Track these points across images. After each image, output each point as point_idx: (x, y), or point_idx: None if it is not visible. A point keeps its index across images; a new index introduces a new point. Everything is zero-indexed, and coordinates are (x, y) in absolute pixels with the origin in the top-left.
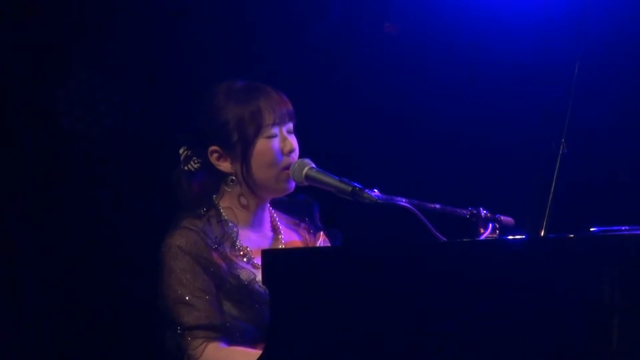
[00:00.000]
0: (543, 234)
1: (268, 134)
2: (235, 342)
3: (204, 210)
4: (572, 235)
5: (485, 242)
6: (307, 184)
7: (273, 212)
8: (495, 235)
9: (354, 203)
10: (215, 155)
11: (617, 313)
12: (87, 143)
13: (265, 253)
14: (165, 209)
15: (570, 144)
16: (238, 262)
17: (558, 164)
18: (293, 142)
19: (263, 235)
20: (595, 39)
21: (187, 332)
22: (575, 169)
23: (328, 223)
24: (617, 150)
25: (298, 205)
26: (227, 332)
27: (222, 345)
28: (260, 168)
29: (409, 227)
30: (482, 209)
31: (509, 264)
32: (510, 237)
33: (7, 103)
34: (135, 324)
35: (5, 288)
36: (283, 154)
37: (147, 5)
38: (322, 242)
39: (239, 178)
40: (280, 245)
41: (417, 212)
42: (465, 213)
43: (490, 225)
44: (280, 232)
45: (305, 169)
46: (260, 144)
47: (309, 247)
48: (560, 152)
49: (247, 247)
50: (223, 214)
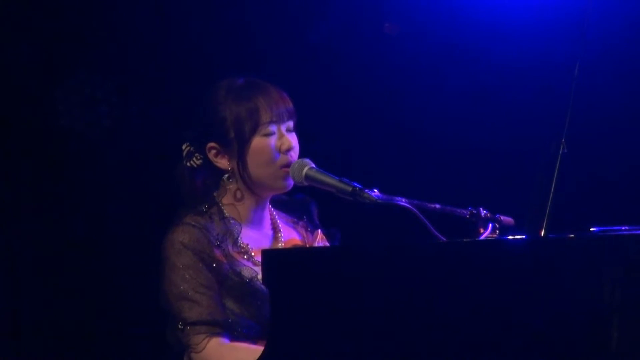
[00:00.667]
0: (543, 234)
1: (265, 132)
2: (237, 338)
3: (206, 207)
4: (572, 235)
5: (485, 242)
6: (307, 184)
7: (273, 210)
8: (495, 235)
9: (354, 203)
10: (214, 152)
11: (617, 313)
12: (87, 143)
13: (265, 253)
14: (166, 208)
15: (570, 144)
16: (239, 259)
17: (558, 164)
18: (292, 140)
19: (263, 233)
20: (595, 40)
21: (189, 327)
22: (575, 169)
23: (327, 222)
24: (617, 150)
25: (296, 204)
26: (229, 327)
27: (224, 341)
28: (257, 166)
29: (409, 227)
30: (482, 209)
31: (509, 264)
32: (510, 237)
33: (7, 103)
34: (136, 322)
35: (6, 288)
36: (280, 152)
37: (147, 5)
38: (320, 240)
39: (237, 175)
40: (280, 243)
41: (417, 212)
42: (465, 213)
43: (490, 225)
44: (280, 230)
45: (305, 169)
46: (257, 142)
47: (309, 247)
48: (560, 152)
49: (247, 244)
50: (225, 211)
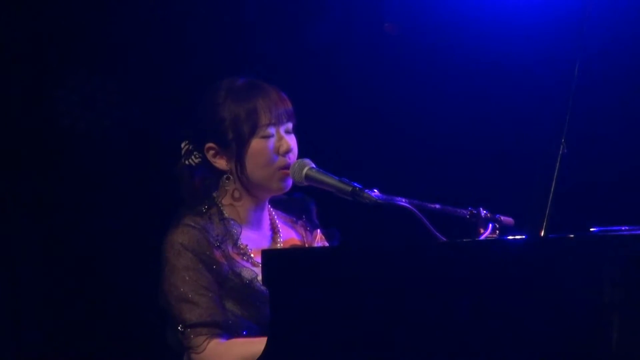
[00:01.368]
0: (543, 234)
1: (263, 134)
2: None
3: (206, 208)
4: (572, 235)
5: (485, 242)
6: (307, 184)
7: (272, 210)
8: (495, 235)
9: (354, 203)
10: (212, 152)
11: (617, 313)
12: (87, 143)
13: (265, 253)
14: (166, 208)
15: (570, 144)
16: (239, 260)
17: (558, 164)
18: (291, 142)
19: (262, 234)
20: (595, 39)
21: (189, 329)
22: (575, 169)
23: (327, 222)
24: (617, 150)
25: (295, 203)
26: (229, 329)
27: (223, 341)
28: (255, 167)
29: (409, 227)
30: (482, 209)
31: (509, 264)
32: (510, 237)
33: (7, 103)
34: (136, 322)
35: (6, 288)
36: (279, 154)
37: (147, 5)
38: (319, 240)
39: (234, 176)
40: (279, 244)
41: (417, 212)
42: (465, 213)
43: (490, 225)
44: (279, 230)
45: (305, 169)
46: (255, 144)
47: (309, 247)
48: (560, 152)
49: (246, 245)
50: (224, 212)
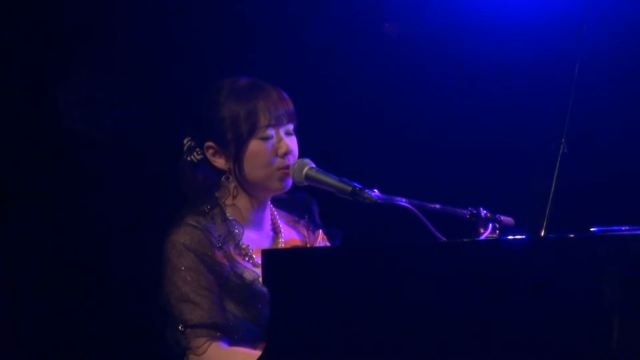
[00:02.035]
0: (543, 234)
1: (262, 135)
2: (238, 341)
3: (208, 208)
4: (572, 235)
5: (485, 242)
6: (307, 184)
7: (274, 210)
8: (495, 235)
9: (354, 203)
10: (211, 151)
11: (617, 313)
12: (87, 143)
13: (265, 253)
14: (166, 208)
15: (570, 144)
16: (240, 261)
17: (558, 164)
18: (290, 143)
19: (263, 234)
20: (596, 39)
21: (189, 330)
22: (575, 169)
23: (327, 222)
24: (617, 150)
25: (297, 203)
26: (229, 331)
27: (223, 345)
28: (253, 168)
29: (409, 227)
30: (482, 209)
31: (509, 264)
32: (510, 237)
33: (7, 103)
34: (136, 322)
35: (6, 288)
36: (277, 156)
37: (147, 5)
38: (321, 240)
39: (233, 176)
40: (280, 244)
41: (417, 212)
42: (465, 213)
43: (490, 225)
44: (280, 230)
45: (305, 169)
46: (254, 145)
47: (309, 247)
48: (560, 152)
49: (248, 245)
50: (227, 213)
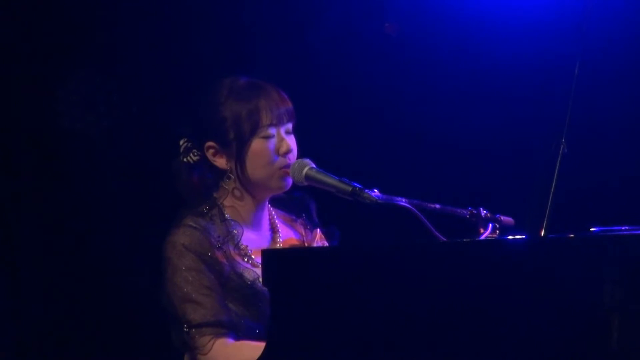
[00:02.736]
0: (543, 234)
1: (264, 134)
2: (241, 339)
3: (207, 209)
4: (572, 235)
5: (485, 242)
6: (307, 184)
7: (272, 210)
8: (495, 235)
9: (354, 203)
10: (212, 151)
11: (617, 313)
12: (87, 143)
13: (265, 253)
14: (166, 208)
15: (570, 144)
16: (240, 261)
17: (558, 164)
18: (291, 143)
19: (261, 234)
20: (596, 39)
21: (194, 330)
22: (575, 169)
23: (327, 222)
24: (617, 150)
25: (295, 202)
26: (234, 327)
27: (229, 341)
28: (255, 168)
29: (409, 227)
30: (482, 209)
31: (509, 264)
32: (510, 237)
33: (7, 103)
34: (136, 322)
35: (6, 288)
36: (279, 155)
37: (147, 5)
38: (319, 239)
39: (234, 175)
40: (278, 243)
41: (417, 212)
42: (465, 213)
43: (490, 225)
44: (278, 230)
45: (305, 169)
46: (256, 144)
47: (309, 247)
48: (560, 152)
49: (247, 246)
50: (226, 213)
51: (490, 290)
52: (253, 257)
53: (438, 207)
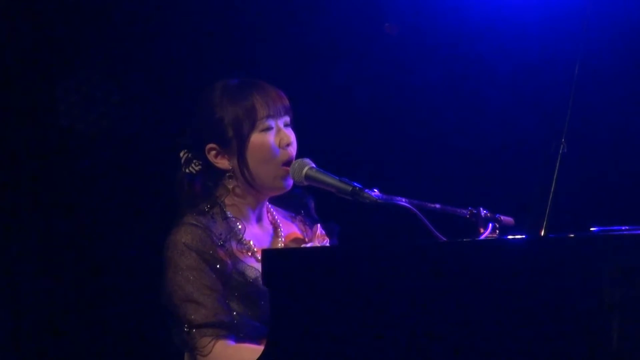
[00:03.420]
0: (543, 234)
1: (263, 127)
2: (242, 339)
3: (208, 207)
4: (572, 235)
5: (485, 242)
6: (307, 184)
7: (270, 206)
8: (495, 235)
9: (354, 203)
10: (213, 153)
11: (617, 313)
12: (87, 143)
13: (265, 253)
14: (167, 207)
15: (570, 144)
16: (243, 258)
17: (558, 164)
18: (290, 135)
19: (264, 230)
20: (596, 39)
21: (195, 330)
22: (575, 169)
23: (327, 220)
24: (617, 150)
25: (293, 199)
26: (234, 328)
27: (230, 343)
28: (258, 163)
29: (409, 227)
30: (482, 209)
31: (509, 264)
32: (510, 237)
33: (7, 103)
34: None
35: (6, 288)
36: (280, 147)
37: (147, 5)
38: (319, 235)
39: (238, 175)
40: (281, 238)
41: (417, 212)
42: (465, 213)
43: (490, 225)
44: (279, 225)
45: (305, 169)
46: (256, 138)
47: (309, 247)
48: (560, 152)
49: (250, 241)
50: (227, 210)
51: (490, 290)
52: (257, 252)
53: (438, 207)
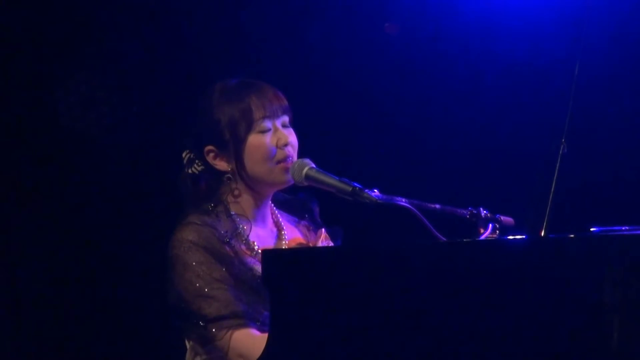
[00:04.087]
0: (543, 234)
1: (260, 129)
2: (260, 326)
3: (212, 206)
4: (572, 235)
5: (485, 242)
6: (307, 184)
7: (275, 209)
8: (495, 235)
9: (354, 203)
10: (212, 155)
11: (617, 313)
12: (87, 143)
13: (265, 253)
14: (167, 207)
15: (570, 144)
16: (247, 257)
17: (558, 164)
18: (288, 135)
19: (267, 231)
20: (595, 39)
21: (210, 324)
22: (575, 169)
23: (329, 221)
24: (617, 150)
25: (298, 203)
26: (250, 317)
27: (248, 331)
28: (255, 163)
29: (409, 227)
30: (482, 209)
31: (509, 264)
32: (510, 237)
33: (7, 103)
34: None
35: (6, 288)
36: (277, 147)
37: (147, 5)
38: (324, 239)
39: (236, 176)
40: (284, 242)
41: (417, 212)
42: (465, 213)
43: (490, 225)
44: (283, 228)
45: (305, 169)
46: (253, 139)
47: (309, 247)
48: (560, 152)
49: (254, 241)
50: (231, 209)
51: (490, 290)
52: (260, 253)
53: (438, 207)
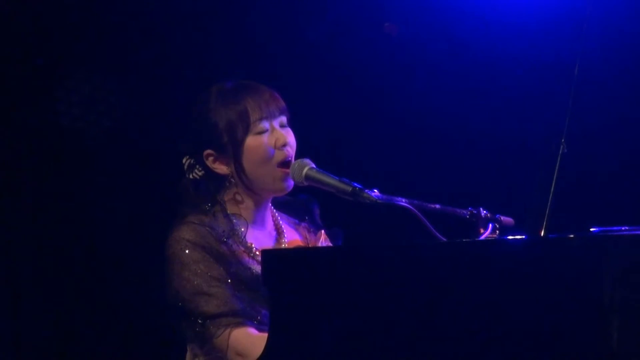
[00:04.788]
0: (543, 234)
1: (257, 130)
2: (260, 324)
3: (209, 206)
4: (572, 235)
5: (485, 242)
6: (307, 184)
7: (275, 211)
8: (495, 235)
9: (354, 203)
10: (211, 159)
11: (617, 313)
12: (87, 143)
13: (265, 253)
14: (166, 207)
15: (570, 144)
16: (243, 258)
17: (558, 164)
18: (287, 135)
19: (266, 233)
20: (595, 39)
21: (209, 322)
22: (575, 169)
23: (328, 222)
24: (617, 150)
25: (298, 205)
26: (248, 315)
27: (246, 330)
28: (254, 165)
29: (409, 227)
30: (482, 209)
31: (509, 264)
32: (510, 237)
33: (7, 103)
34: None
35: (6, 288)
36: (275, 148)
37: (147, 5)
38: (323, 240)
39: (236, 179)
40: (283, 245)
41: (417, 212)
42: (465, 213)
43: (490, 225)
44: (283, 231)
45: (305, 169)
46: (251, 141)
47: (309, 247)
48: (560, 152)
49: (252, 243)
50: (228, 210)
51: (490, 290)
52: (258, 254)
53: (438, 207)
